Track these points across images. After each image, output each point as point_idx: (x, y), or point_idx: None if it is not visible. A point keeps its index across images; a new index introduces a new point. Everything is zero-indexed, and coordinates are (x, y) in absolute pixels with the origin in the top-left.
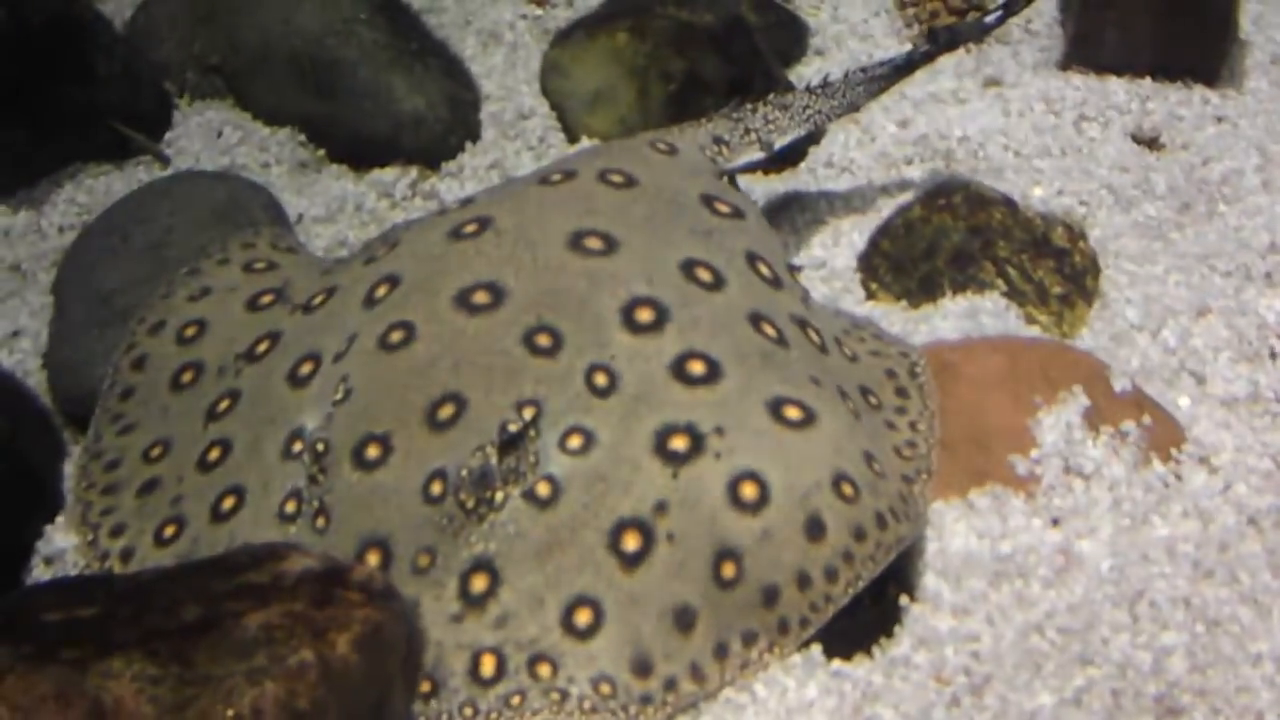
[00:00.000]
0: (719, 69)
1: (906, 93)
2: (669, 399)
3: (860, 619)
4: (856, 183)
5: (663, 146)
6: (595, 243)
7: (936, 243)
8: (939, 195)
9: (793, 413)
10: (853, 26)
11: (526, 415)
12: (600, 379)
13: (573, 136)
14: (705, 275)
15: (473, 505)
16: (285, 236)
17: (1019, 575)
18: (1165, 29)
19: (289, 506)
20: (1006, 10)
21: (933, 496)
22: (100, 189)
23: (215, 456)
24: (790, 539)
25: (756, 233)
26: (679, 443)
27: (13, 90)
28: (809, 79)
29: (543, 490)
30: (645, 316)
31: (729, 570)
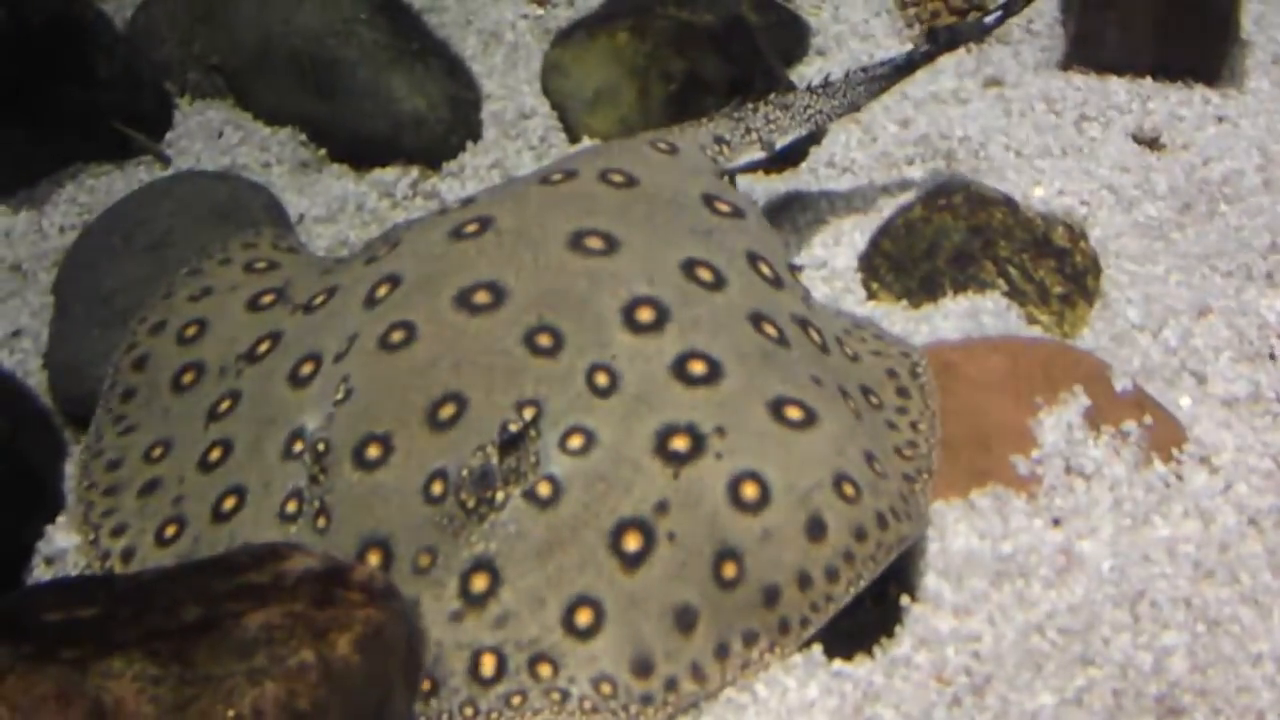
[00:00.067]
0: (720, 69)
1: (908, 93)
2: (670, 399)
3: (861, 619)
4: (857, 182)
5: (663, 146)
6: (596, 242)
7: (937, 242)
8: (940, 195)
9: (794, 413)
10: (854, 26)
11: (527, 415)
12: (601, 379)
13: (574, 136)
14: (706, 275)
15: (473, 505)
16: (286, 236)
17: (1020, 575)
18: (1166, 29)
19: (290, 506)
20: (1006, 10)
21: (934, 496)
22: (101, 189)
23: (216, 456)
24: (791, 539)
25: (757, 232)
26: (680, 443)
27: (13, 90)
28: (810, 79)
29: (543, 490)
30: (646, 316)
31: (730, 570)
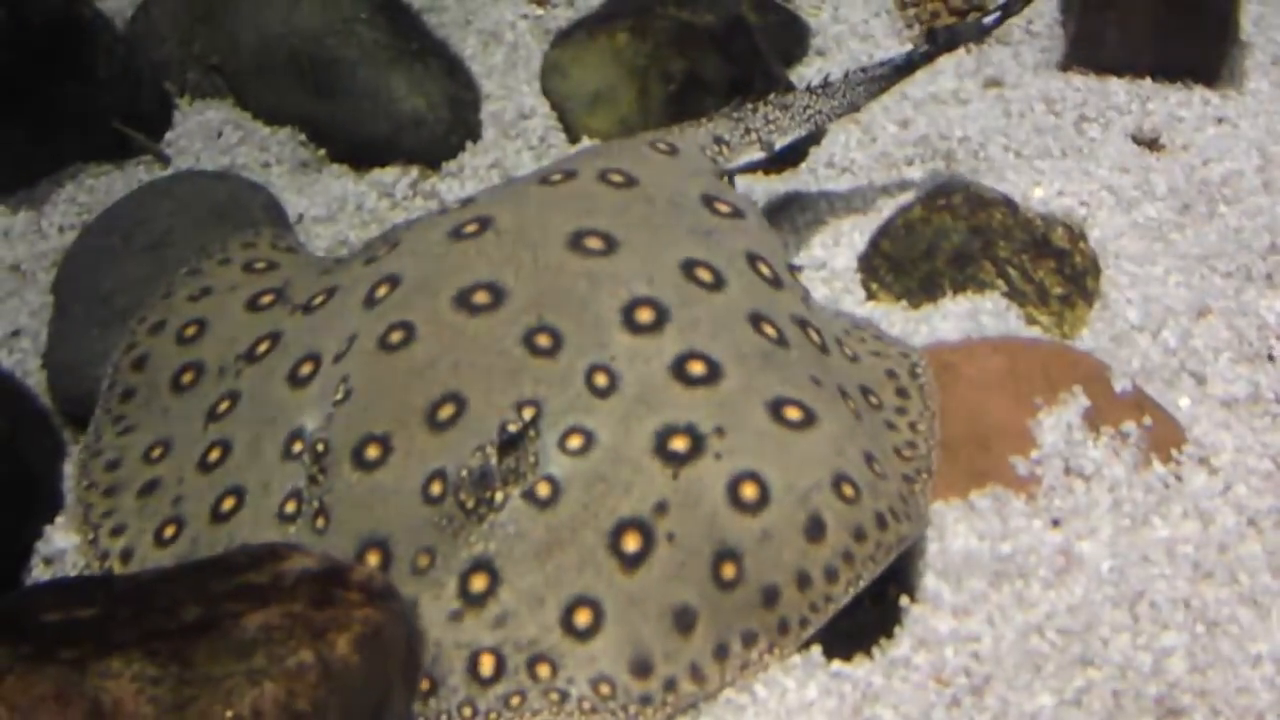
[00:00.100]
0: (720, 69)
1: (907, 93)
2: (669, 399)
3: (860, 619)
4: (857, 183)
5: (663, 146)
6: (595, 243)
7: (937, 243)
8: (939, 196)
9: (793, 413)
10: (853, 27)
11: (526, 415)
12: (600, 379)
13: (573, 136)
14: (705, 275)
15: (472, 505)
16: (286, 236)
17: (1019, 576)
18: (1166, 30)
19: (289, 507)
20: (1005, 11)
21: (933, 497)
22: (101, 189)
23: (215, 457)
24: (790, 539)
25: (757, 233)
26: (679, 443)
27: (13, 90)
28: (810, 79)
29: (543, 490)
30: (645, 317)
31: (729, 571)
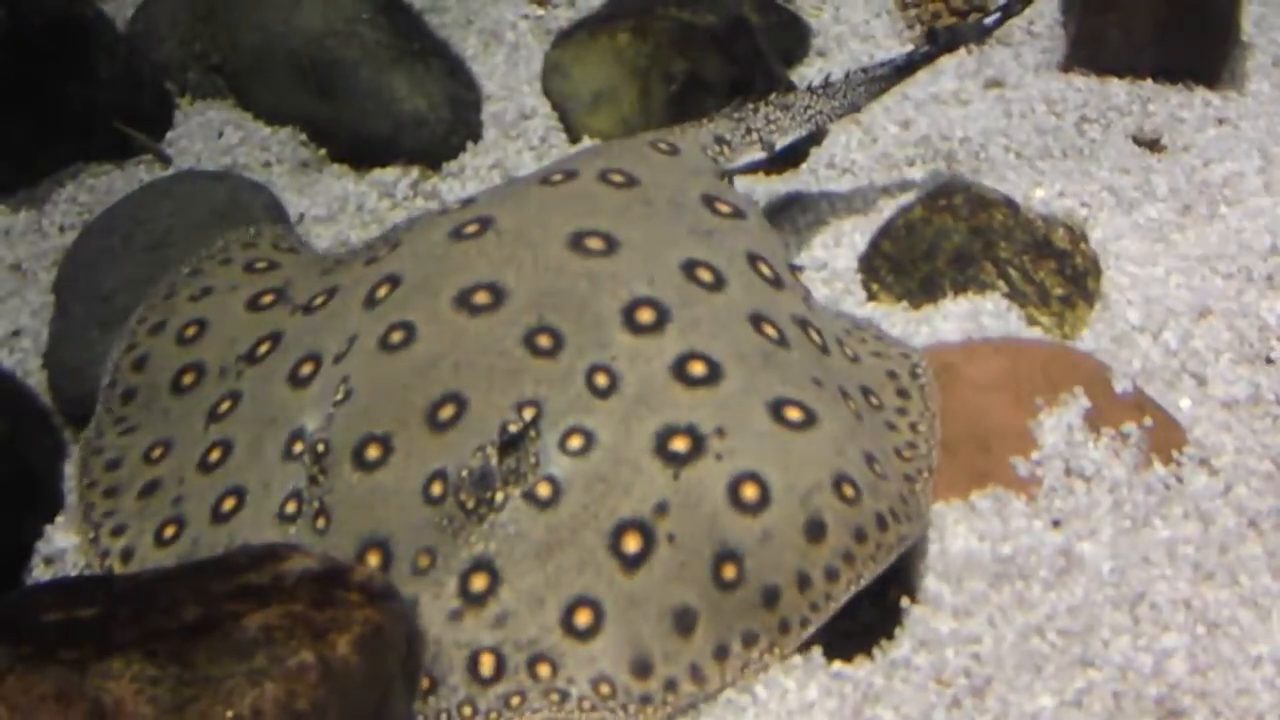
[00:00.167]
0: (721, 70)
1: (908, 94)
2: (670, 400)
3: (861, 620)
4: (858, 183)
5: (664, 146)
6: (596, 243)
7: (937, 244)
8: (940, 196)
9: (794, 414)
10: (854, 27)
11: (527, 416)
12: (601, 379)
13: (574, 137)
14: (706, 276)
15: (473, 506)
16: (287, 236)
17: (1020, 577)
18: (1167, 31)
19: (289, 507)
20: (1006, 12)
21: (934, 498)
22: (101, 188)
23: (216, 457)
24: (791, 540)
25: (757, 233)
26: (680, 444)
27: (14, 89)
28: (811, 79)
29: (543, 491)
30: (646, 317)
31: (730, 571)
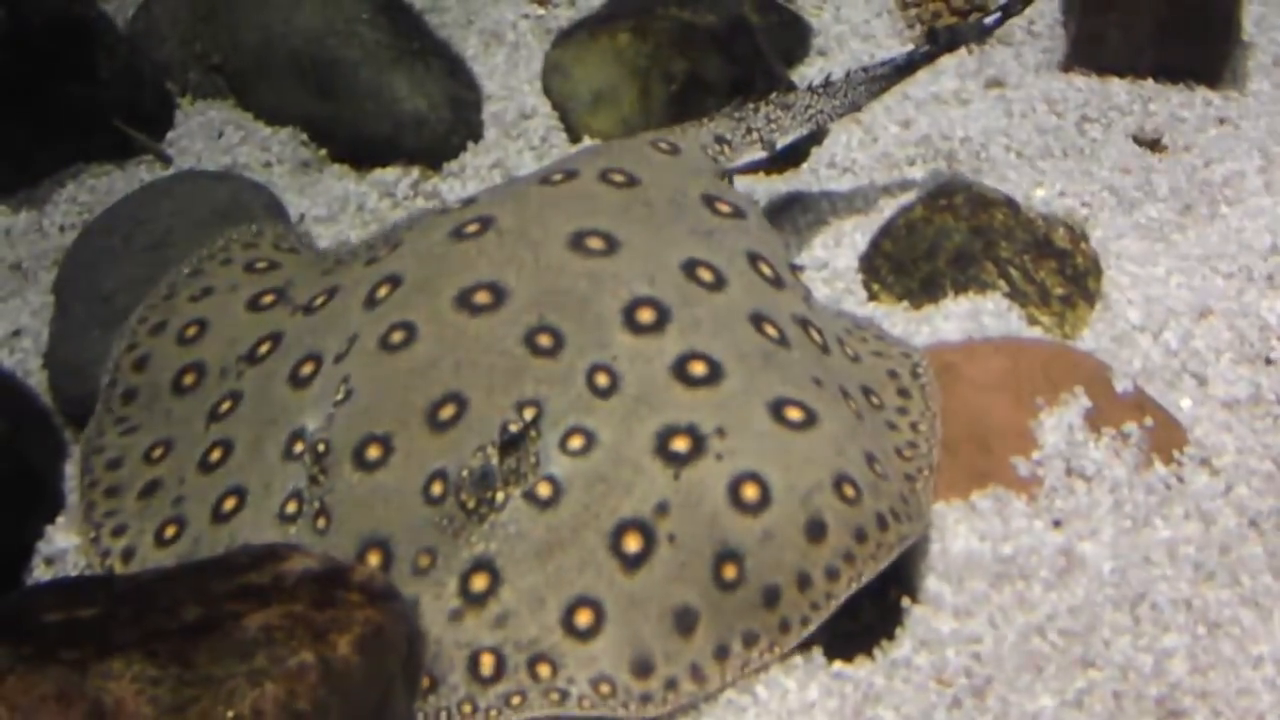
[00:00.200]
0: (721, 69)
1: (909, 93)
2: (670, 400)
3: (861, 621)
4: (858, 183)
5: (664, 146)
6: (596, 243)
7: (938, 243)
8: (941, 196)
9: (794, 413)
10: (855, 27)
11: (527, 415)
12: (601, 379)
13: (575, 136)
14: (707, 275)
15: (473, 505)
16: (288, 235)
17: (1020, 577)
18: (1167, 30)
19: (290, 507)
20: (1006, 11)
21: (934, 498)
22: (102, 188)
23: (216, 457)
24: (791, 540)
25: (758, 233)
26: (680, 444)
27: (14, 89)
28: (811, 79)
29: (544, 491)
30: (646, 317)
31: (730, 571)
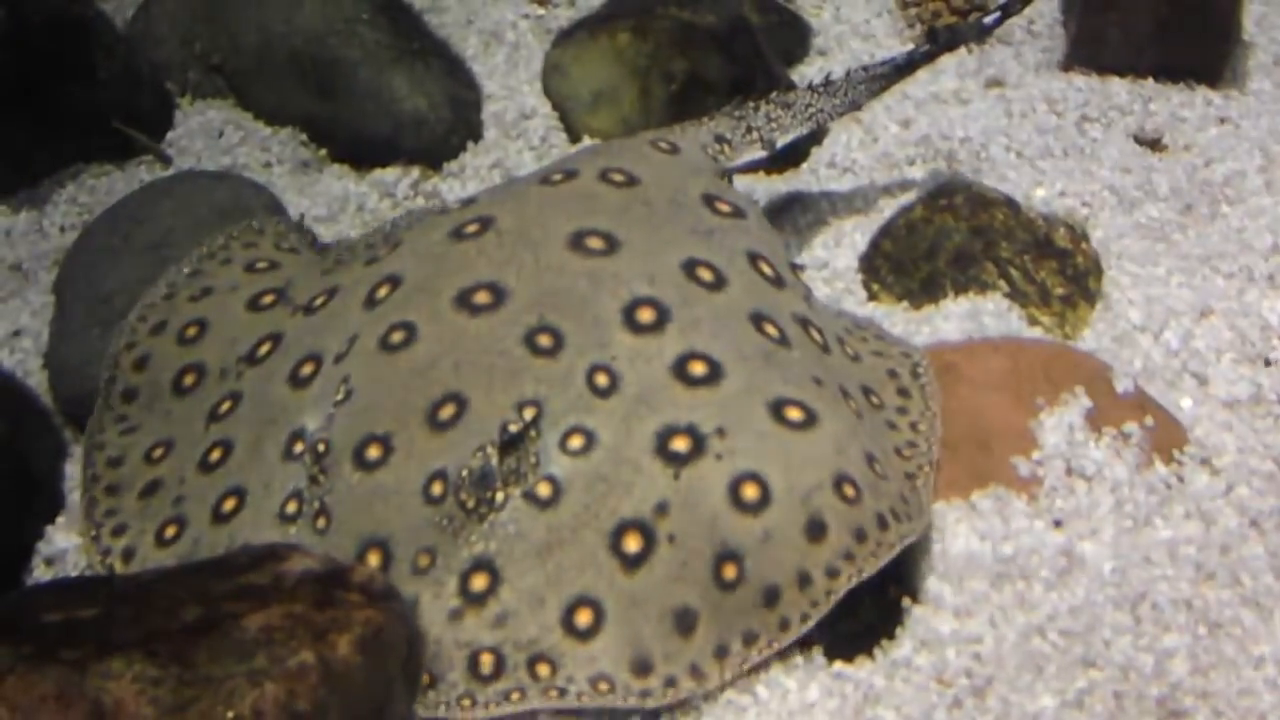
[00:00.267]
0: (721, 69)
1: (909, 93)
2: (670, 399)
3: (862, 621)
4: (858, 183)
5: (664, 145)
6: (596, 242)
7: (938, 243)
8: (941, 196)
9: (794, 413)
10: (855, 26)
11: (527, 415)
12: (601, 379)
13: (574, 136)
14: (706, 275)
15: (473, 505)
16: (289, 235)
17: (1021, 577)
18: (1168, 30)
19: (290, 507)
20: (1005, 11)
21: (935, 498)
22: (102, 189)
23: (217, 457)
24: (791, 540)
25: (757, 232)
26: (680, 443)
27: (14, 89)
28: (811, 79)
29: (543, 490)
30: (646, 317)
31: (730, 571)
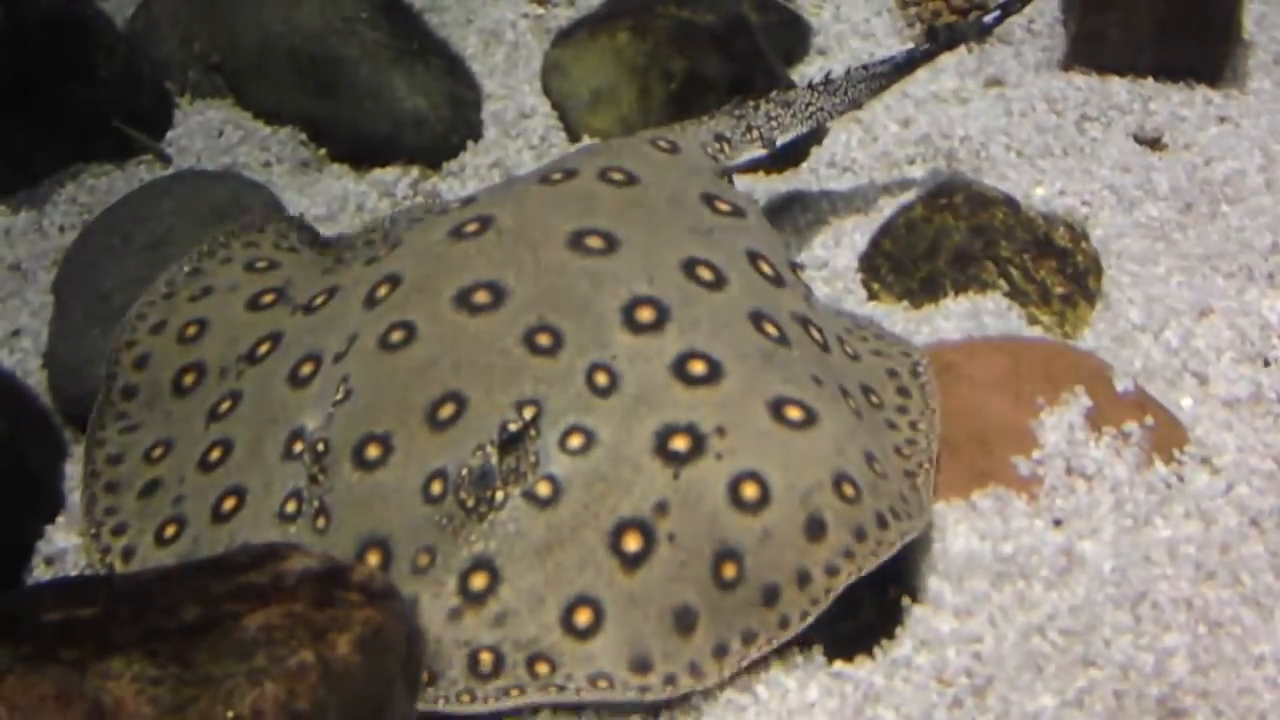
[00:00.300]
0: (721, 68)
1: (909, 92)
2: (670, 399)
3: (862, 620)
4: (858, 182)
5: (664, 144)
6: (596, 242)
7: (938, 243)
8: (941, 195)
9: (794, 413)
10: (855, 26)
11: (527, 415)
12: (601, 378)
13: (574, 136)
14: (706, 274)
15: (473, 504)
16: (289, 234)
17: (1021, 576)
18: (1168, 29)
19: (289, 506)
20: (1004, 10)
21: (935, 498)
22: (101, 188)
23: (216, 457)
24: (791, 539)
25: (757, 231)
26: (680, 443)
27: (14, 89)
28: (811, 78)
29: (543, 490)
30: (646, 316)
31: (730, 571)
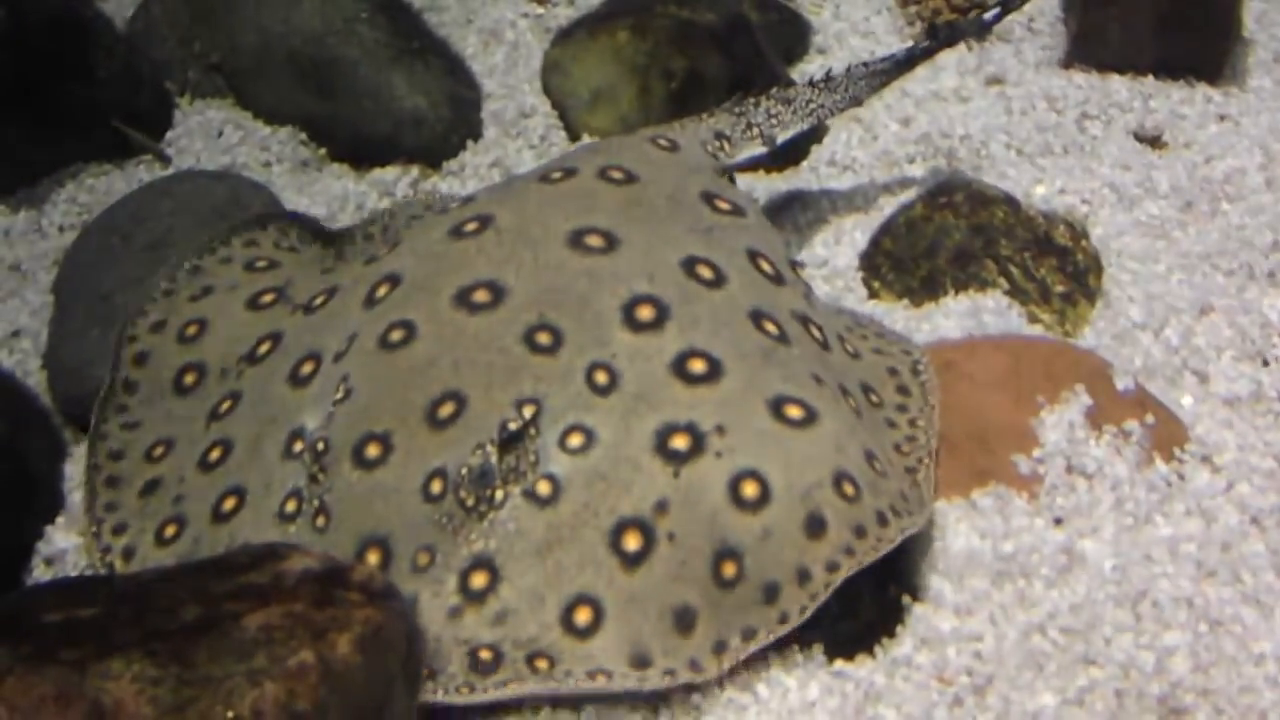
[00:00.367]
0: (721, 67)
1: (909, 91)
2: (670, 397)
3: (862, 619)
4: (858, 181)
5: (663, 143)
6: (596, 240)
7: (938, 241)
8: (941, 193)
9: (794, 411)
10: (854, 24)
11: (527, 413)
12: (601, 377)
13: (574, 135)
14: (706, 272)
15: (473, 503)
16: (290, 233)
17: (1021, 575)
18: (1168, 27)
19: (289, 506)
20: (1004, 8)
21: (935, 496)
22: (101, 188)
23: (216, 456)
24: (791, 537)
25: (757, 230)
26: (680, 441)
27: (13, 89)
28: (811, 76)
29: (543, 489)
30: (646, 314)
31: (730, 569)
